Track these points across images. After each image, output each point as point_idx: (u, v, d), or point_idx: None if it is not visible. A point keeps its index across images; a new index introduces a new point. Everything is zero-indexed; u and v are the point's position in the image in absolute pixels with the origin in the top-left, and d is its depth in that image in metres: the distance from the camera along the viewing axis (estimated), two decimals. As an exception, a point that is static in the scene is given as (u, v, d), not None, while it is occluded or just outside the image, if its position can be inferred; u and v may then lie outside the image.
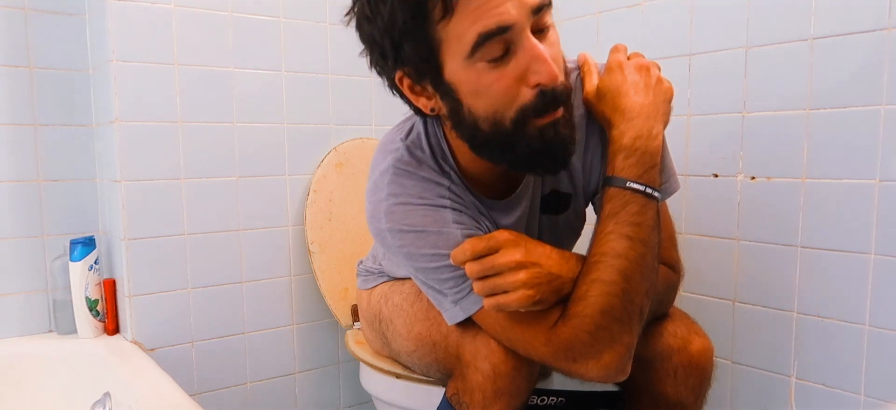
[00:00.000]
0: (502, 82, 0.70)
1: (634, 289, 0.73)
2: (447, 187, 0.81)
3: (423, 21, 0.68)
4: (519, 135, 0.73)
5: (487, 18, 0.66)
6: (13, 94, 1.25)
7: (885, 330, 0.96)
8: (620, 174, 0.76)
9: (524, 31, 0.68)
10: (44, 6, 1.26)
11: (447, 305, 0.82)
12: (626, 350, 0.74)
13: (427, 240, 0.78)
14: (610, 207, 0.75)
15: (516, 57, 0.69)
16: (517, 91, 0.70)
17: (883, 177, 0.95)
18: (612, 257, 0.73)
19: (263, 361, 1.41)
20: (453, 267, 0.77)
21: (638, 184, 0.75)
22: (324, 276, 1.39)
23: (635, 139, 0.76)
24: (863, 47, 0.95)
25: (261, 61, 1.35)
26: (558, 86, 0.71)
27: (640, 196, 0.75)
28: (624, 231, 0.73)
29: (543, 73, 0.69)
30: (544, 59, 0.69)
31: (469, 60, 0.69)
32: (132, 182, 1.22)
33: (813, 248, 1.03)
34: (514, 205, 0.87)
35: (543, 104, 0.71)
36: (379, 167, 0.83)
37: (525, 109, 0.71)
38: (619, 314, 0.72)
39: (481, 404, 0.78)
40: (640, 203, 0.74)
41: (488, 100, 0.71)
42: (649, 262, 0.75)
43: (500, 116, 0.72)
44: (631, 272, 0.73)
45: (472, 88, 0.71)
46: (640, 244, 0.73)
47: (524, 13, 0.67)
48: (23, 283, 1.28)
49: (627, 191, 0.75)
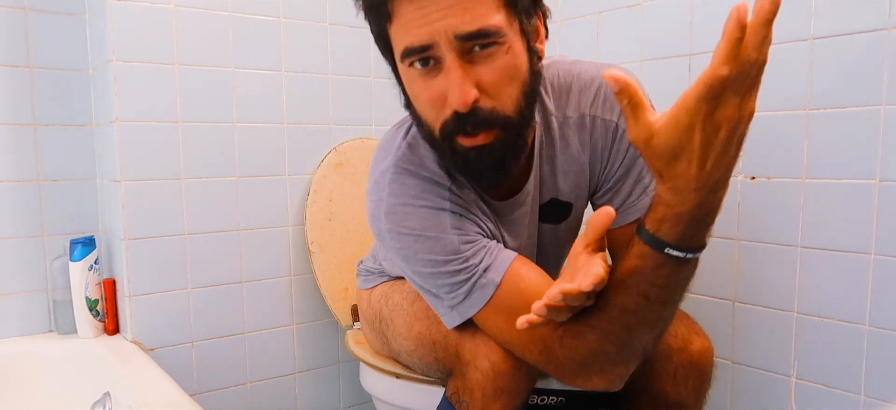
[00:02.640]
0: (427, 94, 0.72)
1: (638, 339, 0.69)
2: (448, 187, 0.81)
3: (377, 19, 0.73)
4: (446, 148, 0.74)
5: (411, 36, 0.69)
6: (13, 94, 1.25)
7: (885, 330, 0.96)
8: (662, 236, 0.61)
9: (448, 53, 0.69)
10: (44, 6, 1.26)
11: (444, 310, 0.82)
12: (618, 379, 0.74)
13: (424, 245, 0.78)
14: (637, 264, 0.64)
15: (442, 74, 0.70)
16: (441, 106, 0.72)
17: (883, 177, 0.95)
18: (620, 311, 0.66)
19: (263, 361, 1.41)
20: (449, 274, 0.77)
21: (678, 252, 0.62)
22: (324, 276, 1.39)
23: (695, 209, 0.59)
24: (863, 47, 0.95)
25: (261, 61, 1.35)
26: (483, 112, 0.70)
27: (675, 261, 0.62)
28: (643, 290, 0.64)
29: (455, 98, 0.69)
30: (458, 87, 0.68)
31: (403, 65, 0.73)
32: (132, 182, 1.22)
33: (813, 248, 1.03)
34: (516, 205, 0.86)
35: (460, 126, 0.71)
36: (380, 166, 0.83)
37: (446, 125, 0.72)
38: (614, 357, 0.70)
39: (481, 403, 0.78)
40: (673, 267, 0.63)
41: (420, 106, 0.75)
42: (665, 316, 0.68)
43: (430, 125, 0.75)
44: (638, 327, 0.67)
45: (410, 90, 0.75)
46: (659, 304, 0.65)
47: (447, 38, 0.68)
48: (23, 283, 1.28)
49: (663, 255, 0.62)
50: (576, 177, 0.87)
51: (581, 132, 0.85)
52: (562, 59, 0.87)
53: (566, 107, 0.85)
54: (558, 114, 0.85)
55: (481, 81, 0.70)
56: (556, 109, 0.85)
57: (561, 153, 0.86)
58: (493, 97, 0.71)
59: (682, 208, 0.60)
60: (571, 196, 0.89)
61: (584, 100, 0.84)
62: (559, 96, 0.85)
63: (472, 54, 0.69)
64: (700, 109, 0.55)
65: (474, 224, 0.80)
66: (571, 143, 0.85)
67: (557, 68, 0.86)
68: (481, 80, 0.70)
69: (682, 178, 0.58)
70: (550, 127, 0.85)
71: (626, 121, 0.60)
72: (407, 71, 0.73)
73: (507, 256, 0.78)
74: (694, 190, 0.58)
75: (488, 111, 0.71)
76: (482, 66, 0.70)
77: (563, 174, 0.87)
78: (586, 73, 0.84)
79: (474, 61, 0.70)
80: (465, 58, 0.69)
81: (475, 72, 0.70)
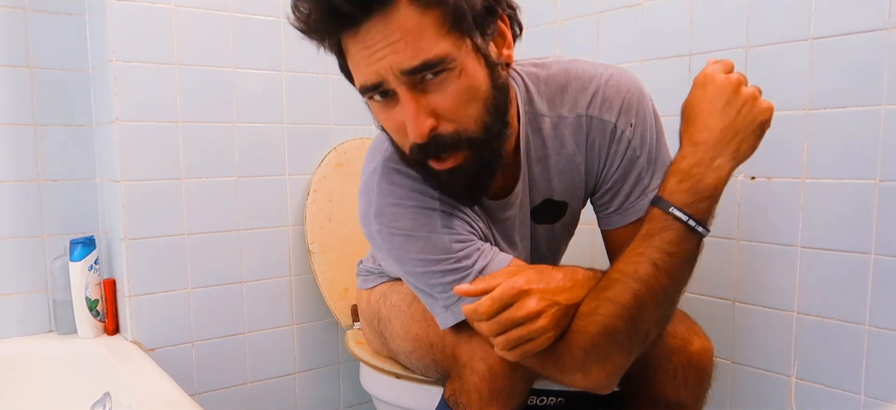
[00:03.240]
0: (391, 123, 0.73)
1: (645, 317, 0.71)
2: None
3: (338, 57, 0.74)
4: (420, 168, 0.75)
5: (362, 75, 0.69)
6: (13, 94, 1.25)
7: (885, 329, 0.96)
8: (667, 197, 0.71)
9: (399, 87, 0.68)
10: (44, 6, 1.26)
11: (438, 309, 0.82)
12: (616, 370, 0.73)
13: (415, 245, 0.78)
14: (647, 228, 0.71)
15: (400, 105, 0.70)
16: (405, 134, 0.72)
17: (883, 177, 0.94)
18: (632, 279, 0.70)
19: (263, 361, 1.41)
20: (441, 273, 0.77)
21: (681, 213, 0.70)
22: (324, 276, 1.39)
23: (694, 165, 0.71)
24: (863, 47, 0.94)
25: (261, 61, 1.35)
26: (445, 136, 0.70)
27: (680, 225, 0.70)
28: (653, 256, 0.70)
29: (411, 133, 0.69)
30: (412, 120, 0.68)
31: (365, 97, 0.73)
32: (132, 182, 1.22)
33: (813, 248, 1.03)
34: (508, 205, 0.86)
35: (422, 152, 0.71)
36: (369, 167, 0.83)
37: (412, 152, 0.73)
38: (621, 338, 0.71)
39: (478, 405, 0.78)
40: (678, 232, 0.70)
41: (389, 131, 0.75)
42: (671, 295, 0.71)
43: (401, 148, 0.75)
44: (647, 300, 0.70)
45: (376, 119, 0.75)
46: (666, 275, 0.70)
47: (393, 74, 0.67)
48: (23, 283, 1.28)
49: (669, 216, 0.70)
50: (571, 177, 0.87)
51: (577, 132, 0.84)
52: (559, 59, 0.87)
53: (561, 107, 0.84)
54: (552, 114, 0.84)
55: (437, 109, 0.69)
56: (549, 110, 0.84)
57: (554, 154, 0.85)
58: (452, 121, 0.70)
59: (686, 163, 0.71)
60: (566, 195, 0.89)
61: (582, 101, 0.83)
62: (554, 96, 0.84)
63: (424, 83, 0.68)
64: (711, 74, 0.75)
65: (465, 223, 0.80)
66: (566, 143, 0.85)
67: (553, 68, 0.85)
68: (437, 108, 0.69)
69: (689, 132, 0.73)
70: (541, 128, 0.84)
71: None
72: (370, 102, 0.73)
73: (503, 259, 0.78)
74: (698, 144, 0.71)
75: (450, 135, 0.70)
76: (435, 94, 0.69)
77: (557, 174, 0.87)
78: (584, 73, 0.84)
79: (428, 90, 0.69)
80: (418, 88, 0.68)
81: (429, 101, 0.69)
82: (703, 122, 0.72)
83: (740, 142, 0.72)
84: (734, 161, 0.72)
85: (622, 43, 1.26)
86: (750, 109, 0.72)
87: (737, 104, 0.72)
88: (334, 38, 0.70)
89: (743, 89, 0.73)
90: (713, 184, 0.70)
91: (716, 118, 0.72)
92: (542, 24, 1.39)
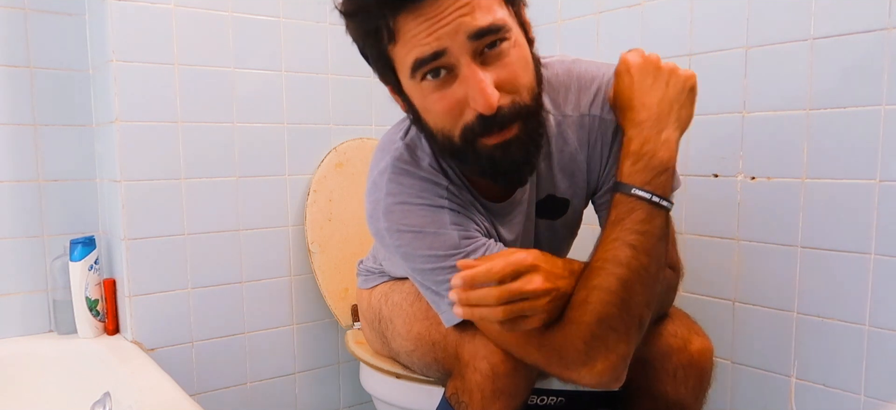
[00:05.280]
0: (444, 103, 0.72)
1: (634, 300, 0.72)
2: (445, 186, 0.81)
3: (377, 43, 0.72)
4: (468, 151, 0.74)
5: (422, 46, 0.69)
6: (13, 94, 1.25)
7: (885, 329, 0.96)
8: (627, 180, 0.74)
9: (462, 57, 0.69)
10: (44, 6, 1.26)
11: (444, 307, 0.82)
12: (620, 360, 0.73)
13: (424, 241, 0.78)
14: (615, 213, 0.74)
15: (458, 81, 0.70)
16: (460, 112, 0.72)
17: (883, 177, 0.94)
18: (614, 265, 0.72)
19: (263, 361, 1.41)
20: (450, 269, 0.77)
21: (643, 192, 0.73)
22: (324, 276, 1.39)
23: (642, 144, 0.75)
24: (863, 47, 0.95)
25: (261, 61, 1.35)
26: (506, 109, 0.71)
27: (645, 204, 0.73)
28: (628, 239, 0.72)
29: (479, 103, 0.69)
30: (481, 89, 0.68)
31: (413, 80, 0.72)
32: (132, 182, 1.22)
33: (813, 248, 1.03)
34: (511, 208, 0.87)
35: (485, 126, 0.71)
36: (378, 166, 0.84)
37: (468, 129, 0.72)
38: (616, 323, 0.71)
39: (480, 404, 0.78)
40: (645, 210, 0.73)
41: (435, 117, 0.74)
42: (653, 273, 0.73)
43: (448, 132, 0.74)
44: (632, 281, 0.71)
45: (421, 105, 0.75)
46: (644, 254, 0.72)
47: (459, 41, 0.68)
48: (23, 283, 1.28)
49: (632, 198, 0.73)
50: (573, 175, 0.88)
51: (580, 131, 0.85)
52: (561, 59, 0.87)
53: (565, 106, 0.85)
54: (556, 112, 0.85)
55: (498, 80, 0.70)
56: (553, 107, 0.85)
57: (558, 151, 0.86)
58: (511, 92, 0.71)
59: (635, 144, 0.75)
60: (569, 192, 0.89)
61: (584, 100, 0.84)
62: (557, 95, 0.85)
63: (483, 55, 0.70)
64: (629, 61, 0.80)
65: (472, 221, 0.81)
66: (569, 141, 0.85)
67: (557, 67, 0.86)
68: (498, 79, 0.70)
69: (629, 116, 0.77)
70: (547, 125, 0.85)
71: None
72: (418, 86, 0.72)
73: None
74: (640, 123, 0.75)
75: (509, 107, 0.71)
76: (495, 66, 0.70)
77: (560, 171, 0.87)
78: (586, 73, 0.85)
79: (487, 62, 0.70)
80: (478, 59, 0.70)
81: (491, 73, 0.70)
82: (639, 103, 0.76)
83: (679, 110, 0.77)
84: (679, 129, 0.76)
85: (622, 43, 1.26)
86: (676, 78, 0.77)
87: (663, 78, 0.77)
88: (396, 14, 0.69)
89: (661, 64, 0.78)
90: (666, 157, 0.74)
91: (648, 95, 0.76)
92: (543, 24, 1.39)
